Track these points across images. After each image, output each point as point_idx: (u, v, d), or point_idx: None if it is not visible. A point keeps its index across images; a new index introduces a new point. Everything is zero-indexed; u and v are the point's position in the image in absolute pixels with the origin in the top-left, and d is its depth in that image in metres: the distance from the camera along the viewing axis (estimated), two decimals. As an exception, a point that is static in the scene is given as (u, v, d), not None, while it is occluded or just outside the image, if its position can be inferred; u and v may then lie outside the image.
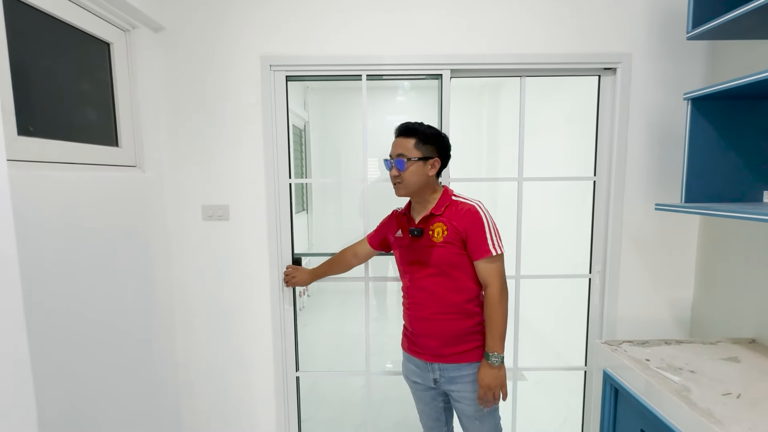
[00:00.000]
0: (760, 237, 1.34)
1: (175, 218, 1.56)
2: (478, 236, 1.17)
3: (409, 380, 1.36)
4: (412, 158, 1.20)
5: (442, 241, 1.19)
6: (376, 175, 3.32)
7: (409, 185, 1.22)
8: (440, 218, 1.21)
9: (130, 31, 1.40)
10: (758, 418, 0.91)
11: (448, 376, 1.24)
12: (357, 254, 1.49)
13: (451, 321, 1.21)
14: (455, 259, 1.19)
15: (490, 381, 1.17)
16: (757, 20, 1.12)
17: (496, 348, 1.17)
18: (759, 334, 1.34)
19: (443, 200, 1.24)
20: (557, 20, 1.49)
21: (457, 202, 1.23)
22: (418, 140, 1.21)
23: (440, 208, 1.22)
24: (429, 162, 1.22)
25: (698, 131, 1.25)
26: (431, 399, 1.34)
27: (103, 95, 1.33)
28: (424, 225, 1.24)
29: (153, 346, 1.44)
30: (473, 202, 1.22)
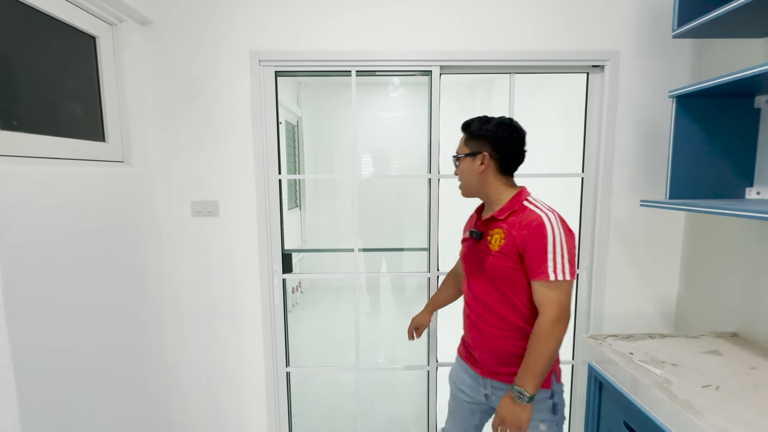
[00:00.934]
0: (742, 233, 1.36)
1: (164, 214, 1.55)
2: (537, 254, 1.00)
3: (455, 386, 1.26)
4: (460, 155, 1.14)
5: (497, 250, 1.06)
6: (369, 171, 3.32)
7: (463, 185, 1.16)
8: (501, 224, 1.08)
9: (117, 24, 1.38)
10: (735, 408, 0.93)
11: (499, 395, 1.13)
12: (457, 273, 1.38)
13: (507, 339, 1.09)
14: (509, 273, 1.05)
15: (506, 415, 1.02)
16: (739, 19, 1.14)
17: (525, 383, 0.99)
18: (741, 327, 1.37)
19: (511, 204, 1.09)
20: (546, 18, 1.50)
21: (526, 209, 1.06)
22: (468, 136, 1.14)
23: (504, 213, 1.08)
24: (477, 158, 1.11)
25: (683, 128, 1.27)
26: (469, 413, 1.24)
27: (89, 89, 1.31)
28: (485, 229, 1.13)
29: (142, 342, 1.44)
30: (544, 212, 1.04)
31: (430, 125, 1.58)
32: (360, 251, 1.67)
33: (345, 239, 1.61)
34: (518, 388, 1.00)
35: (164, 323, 1.57)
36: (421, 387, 1.76)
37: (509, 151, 1.12)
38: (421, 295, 1.71)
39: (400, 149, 3.52)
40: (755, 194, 1.28)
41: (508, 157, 1.12)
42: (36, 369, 0.99)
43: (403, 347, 2.80)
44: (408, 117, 3.77)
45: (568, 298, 1.01)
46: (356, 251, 1.65)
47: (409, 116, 3.81)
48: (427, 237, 1.66)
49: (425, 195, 1.63)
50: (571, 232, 1.03)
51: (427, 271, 1.66)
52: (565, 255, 0.99)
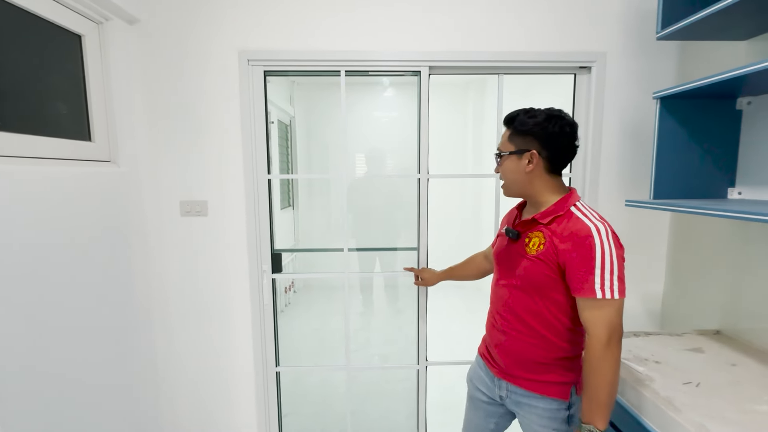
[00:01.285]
0: (725, 232, 1.39)
1: (152, 214, 1.54)
2: (582, 268, 0.91)
3: (473, 384, 1.22)
4: (504, 153, 1.05)
5: (534, 255, 0.99)
6: (363, 171, 3.32)
7: (507, 184, 1.07)
8: (543, 228, 1.00)
9: (103, 23, 1.37)
10: (714, 405, 0.95)
11: (515, 399, 1.08)
12: (488, 256, 1.37)
13: (530, 346, 1.03)
14: (543, 280, 0.98)
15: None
16: (722, 22, 1.16)
17: (593, 418, 0.90)
18: (724, 325, 1.39)
19: (557, 207, 0.99)
20: (535, 19, 1.51)
21: (572, 216, 0.97)
22: (513, 131, 1.03)
23: (547, 217, 0.99)
24: (525, 156, 1.01)
25: (667, 130, 1.28)
26: (485, 415, 1.19)
27: (74, 88, 1.30)
28: (524, 229, 1.05)
29: (130, 343, 1.43)
30: (593, 222, 0.93)
31: (419, 125, 1.59)
32: (350, 251, 1.67)
33: (338, 239, 1.61)
34: (588, 426, 0.91)
35: (152, 324, 1.56)
36: (413, 386, 1.76)
37: (560, 149, 1.00)
38: (411, 294, 1.72)
39: (394, 149, 3.53)
40: (737, 194, 1.30)
41: (558, 155, 1.01)
42: (19, 369, 0.98)
43: (395, 346, 2.81)
44: (402, 116, 3.78)
45: (619, 317, 0.91)
46: (346, 251, 1.65)
47: (402, 116, 3.82)
48: (416, 236, 1.67)
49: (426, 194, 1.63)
50: (622, 247, 0.94)
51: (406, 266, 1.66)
52: (615, 271, 0.90)
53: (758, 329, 1.27)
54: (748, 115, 1.27)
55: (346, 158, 1.64)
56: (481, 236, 3.87)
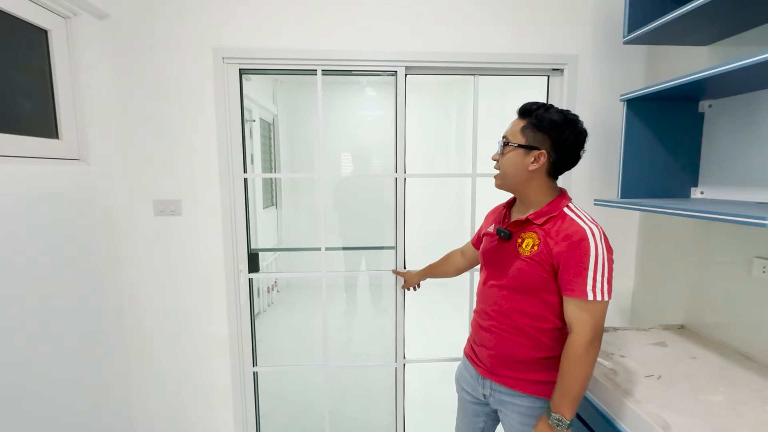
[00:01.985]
0: (688, 230, 1.44)
1: (124, 213, 1.51)
2: (576, 270, 0.91)
3: (459, 385, 1.23)
4: (511, 143, 1.00)
5: (528, 256, 0.98)
6: (349, 170, 3.32)
7: (504, 175, 1.03)
8: (537, 229, 0.99)
9: (71, 18, 1.34)
10: (673, 396, 0.99)
11: (499, 398, 1.09)
12: (464, 253, 1.38)
13: (517, 345, 1.03)
14: (536, 281, 0.98)
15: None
16: (684, 27, 1.20)
17: (562, 409, 0.93)
18: (687, 320, 1.44)
19: (550, 208, 0.99)
20: (509, 22, 1.54)
21: (566, 217, 0.97)
22: (528, 124, 0.99)
23: (541, 217, 0.99)
24: (532, 153, 0.98)
25: (633, 131, 1.32)
26: (473, 415, 1.20)
27: (40, 85, 1.27)
28: (516, 230, 1.03)
29: (102, 345, 1.40)
30: (587, 224, 0.94)
31: (396, 125, 1.60)
32: (329, 250, 1.67)
33: (320, 238, 1.61)
34: (556, 415, 0.93)
35: (125, 326, 1.53)
36: (391, 383, 1.78)
37: (569, 156, 1.00)
38: (391, 292, 1.73)
39: (379, 148, 3.52)
40: (699, 194, 1.35)
41: (565, 162, 1.00)
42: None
43: (378, 345, 2.82)
44: (387, 116, 3.79)
45: (603, 319, 0.93)
46: (323, 250, 1.66)
47: (388, 115, 3.83)
48: (394, 236, 1.68)
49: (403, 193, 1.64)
50: (611, 250, 0.95)
51: (394, 268, 1.68)
52: (605, 274, 0.91)
53: (719, 324, 1.32)
54: (710, 118, 1.32)
55: (325, 157, 1.64)
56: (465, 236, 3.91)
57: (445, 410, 2.00)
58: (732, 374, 1.10)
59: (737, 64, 0.91)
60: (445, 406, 2.01)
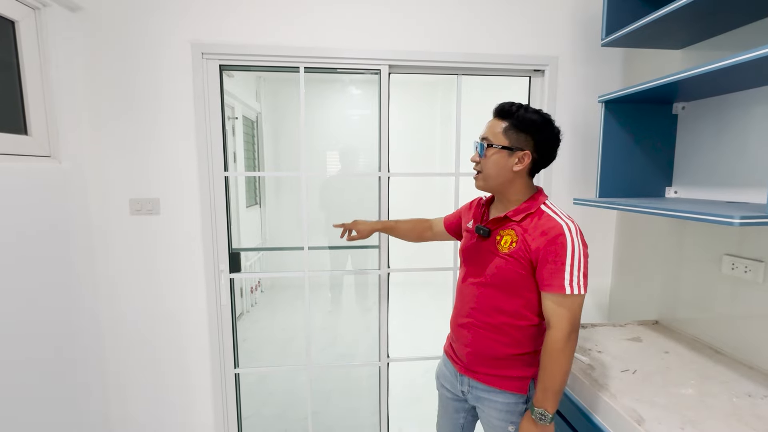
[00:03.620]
0: (663, 229, 1.48)
1: (98, 213, 1.46)
2: (554, 265, 0.93)
3: (439, 382, 1.25)
4: (494, 145, 1.00)
5: (507, 253, 1.00)
6: (336, 168, 3.29)
7: (487, 177, 1.03)
8: (515, 226, 1.01)
9: (41, 9, 1.28)
10: (647, 390, 1.02)
11: (476, 394, 1.10)
12: (432, 228, 1.36)
13: (494, 342, 1.04)
14: (514, 277, 0.99)
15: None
16: (658, 31, 1.23)
17: (545, 404, 0.94)
18: (661, 316, 1.49)
19: (527, 206, 1.01)
20: (492, 22, 1.55)
21: (544, 214, 0.99)
22: (510, 125, 0.99)
23: (519, 214, 1.01)
24: (516, 154, 0.99)
25: (610, 132, 1.36)
26: (454, 411, 1.21)
27: (7, 78, 1.21)
28: (494, 227, 1.05)
29: (75, 349, 1.35)
30: (564, 221, 0.96)
31: (379, 124, 1.60)
32: (311, 249, 1.65)
33: (306, 237, 1.60)
34: (539, 409, 0.95)
35: (101, 328, 1.48)
36: (375, 382, 1.78)
37: (549, 155, 1.03)
38: (375, 292, 1.72)
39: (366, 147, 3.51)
40: (673, 193, 1.39)
41: (545, 161, 1.03)
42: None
43: (362, 344, 2.82)
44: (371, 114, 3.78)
45: (580, 312, 0.95)
46: (306, 249, 1.64)
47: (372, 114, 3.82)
48: (378, 234, 1.67)
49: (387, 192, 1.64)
50: (586, 245, 0.97)
51: (377, 268, 1.68)
52: (581, 268, 0.94)
53: (690, 319, 1.37)
54: (683, 120, 1.36)
55: (310, 156, 1.62)
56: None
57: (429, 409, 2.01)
58: (702, 368, 1.14)
59: (708, 67, 0.94)
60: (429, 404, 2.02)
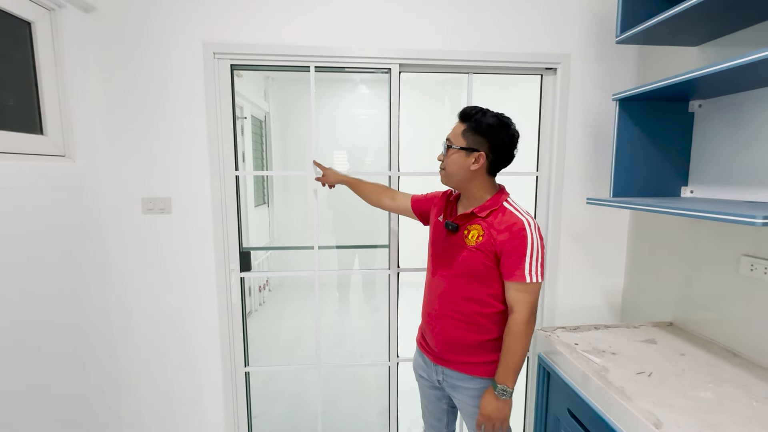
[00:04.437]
0: (678, 229, 1.46)
1: (111, 212, 1.48)
2: (515, 256, 1.03)
3: (417, 373, 1.31)
4: (453, 146, 1.10)
5: (474, 246, 1.08)
6: (344, 168, 3.29)
7: (449, 175, 1.13)
8: (480, 221, 1.09)
9: (56, 10, 1.30)
10: (663, 393, 1.00)
11: (451, 383, 1.18)
12: (395, 198, 1.41)
13: (464, 330, 1.13)
14: (481, 269, 1.08)
15: (491, 412, 1.07)
16: (675, 27, 1.21)
17: (507, 380, 1.05)
18: (676, 317, 1.46)
19: (491, 203, 1.10)
20: (504, 20, 1.54)
21: (506, 210, 1.09)
22: (468, 128, 1.09)
23: (484, 211, 1.09)
24: (473, 155, 1.08)
25: (625, 130, 1.33)
26: (436, 399, 1.29)
27: (23, 78, 1.23)
28: (462, 222, 1.13)
29: (89, 348, 1.37)
30: (524, 217, 1.07)
31: (389, 123, 1.59)
32: (322, 248, 1.65)
33: (313, 237, 1.61)
34: (501, 385, 1.06)
35: (113, 327, 1.50)
36: (384, 382, 1.77)
37: (504, 155, 1.11)
38: (384, 292, 1.72)
39: (375, 146, 3.51)
40: (689, 193, 1.37)
41: (501, 161, 1.11)
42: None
43: (371, 344, 2.81)
44: (379, 114, 3.76)
45: (537, 298, 1.07)
46: (316, 249, 1.64)
47: (379, 113, 3.81)
48: (387, 234, 1.67)
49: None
50: (543, 238, 1.08)
51: (387, 268, 1.67)
52: (539, 259, 1.04)
53: (706, 320, 1.34)
54: (700, 118, 1.34)
55: (317, 155, 1.62)
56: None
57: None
58: (720, 370, 1.12)
59: (727, 64, 0.92)
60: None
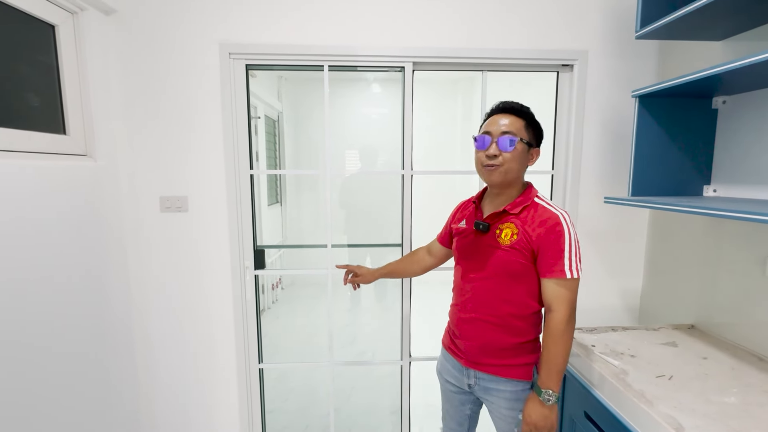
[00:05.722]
0: (700, 229, 1.42)
1: (131, 209, 1.51)
2: (554, 252, 0.99)
3: (442, 377, 1.26)
4: (523, 139, 1.04)
5: (509, 245, 1.04)
6: (356, 167, 3.30)
7: (509, 170, 1.04)
8: (513, 219, 1.05)
9: (78, 13, 1.33)
10: (685, 397, 0.97)
11: (484, 386, 1.13)
12: (431, 251, 1.36)
13: (498, 332, 1.08)
14: (517, 268, 1.03)
15: (538, 420, 1.00)
16: (698, 22, 1.18)
17: (551, 384, 0.99)
18: (698, 320, 1.42)
19: (523, 199, 1.07)
20: (519, 16, 1.52)
21: (539, 206, 1.05)
22: (527, 123, 1.06)
23: (517, 207, 1.06)
24: (532, 151, 1.07)
25: (644, 128, 1.30)
26: (459, 404, 1.23)
27: (47, 80, 1.27)
28: (493, 221, 1.08)
29: (107, 343, 1.40)
30: (558, 211, 1.03)
31: (403, 121, 1.59)
32: (335, 247, 1.66)
33: (326, 235, 1.62)
34: (546, 390, 0.99)
35: (131, 322, 1.53)
36: (396, 381, 1.77)
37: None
38: (396, 290, 1.72)
39: (387, 145, 3.51)
40: (712, 192, 1.33)
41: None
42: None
43: (382, 343, 2.82)
44: (391, 113, 3.76)
45: (576, 295, 1.02)
46: (329, 247, 1.65)
47: (391, 112, 3.80)
48: (400, 233, 1.67)
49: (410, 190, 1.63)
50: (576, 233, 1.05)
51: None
52: (578, 254, 1.00)
53: (729, 324, 1.30)
54: (724, 114, 1.30)
55: (330, 154, 1.63)
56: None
57: (450, 408, 1.99)
58: (744, 375, 1.08)
59: (752, 59, 0.89)
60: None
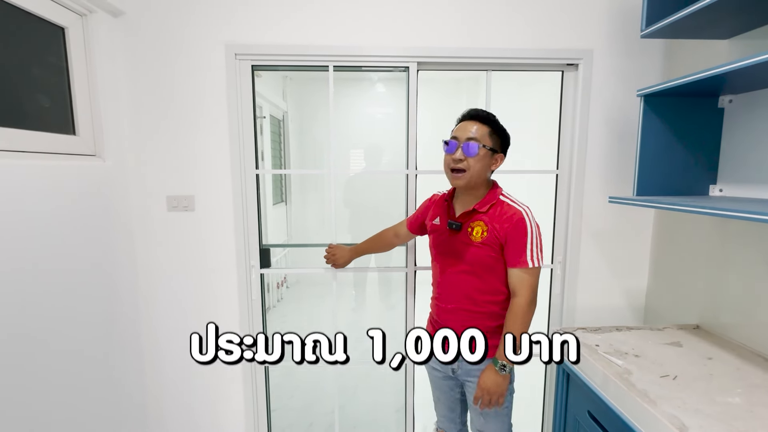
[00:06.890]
0: (706, 229, 1.41)
1: (138, 209, 1.53)
2: (518, 245, 1.12)
3: (429, 366, 1.37)
4: (485, 146, 1.14)
5: (480, 241, 1.16)
6: (360, 166, 3.31)
7: (472, 175, 1.15)
8: (482, 216, 1.17)
9: (87, 15, 1.35)
10: (689, 397, 0.97)
11: (465, 368, 1.24)
12: (398, 234, 1.49)
13: (475, 318, 1.20)
14: (489, 261, 1.16)
15: (491, 386, 1.14)
16: (704, 20, 1.17)
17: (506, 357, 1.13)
18: (703, 320, 1.42)
19: (489, 197, 1.19)
20: (523, 16, 1.51)
21: (504, 203, 1.17)
22: (492, 130, 1.16)
23: (484, 206, 1.17)
24: (496, 156, 1.18)
25: (650, 127, 1.30)
26: (448, 389, 1.35)
27: (57, 81, 1.29)
28: (464, 220, 1.20)
29: (115, 341, 1.43)
30: (521, 207, 1.16)
31: (407, 121, 1.59)
32: (338, 246, 1.67)
33: (331, 234, 1.63)
34: (502, 361, 1.13)
35: (138, 321, 1.56)
36: (401, 379, 1.78)
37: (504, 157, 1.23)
38: (401, 289, 1.73)
39: (391, 145, 3.52)
40: (718, 192, 1.32)
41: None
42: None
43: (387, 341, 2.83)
44: (395, 113, 3.76)
45: (537, 281, 1.16)
46: (334, 246, 1.66)
47: (395, 112, 3.81)
48: (405, 232, 1.67)
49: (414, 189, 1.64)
50: (539, 225, 1.17)
51: (404, 266, 1.68)
52: (539, 245, 1.14)
53: (735, 324, 1.29)
54: (730, 114, 1.29)
55: (335, 153, 1.64)
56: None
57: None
58: (750, 375, 1.08)
59: (759, 58, 0.88)
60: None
